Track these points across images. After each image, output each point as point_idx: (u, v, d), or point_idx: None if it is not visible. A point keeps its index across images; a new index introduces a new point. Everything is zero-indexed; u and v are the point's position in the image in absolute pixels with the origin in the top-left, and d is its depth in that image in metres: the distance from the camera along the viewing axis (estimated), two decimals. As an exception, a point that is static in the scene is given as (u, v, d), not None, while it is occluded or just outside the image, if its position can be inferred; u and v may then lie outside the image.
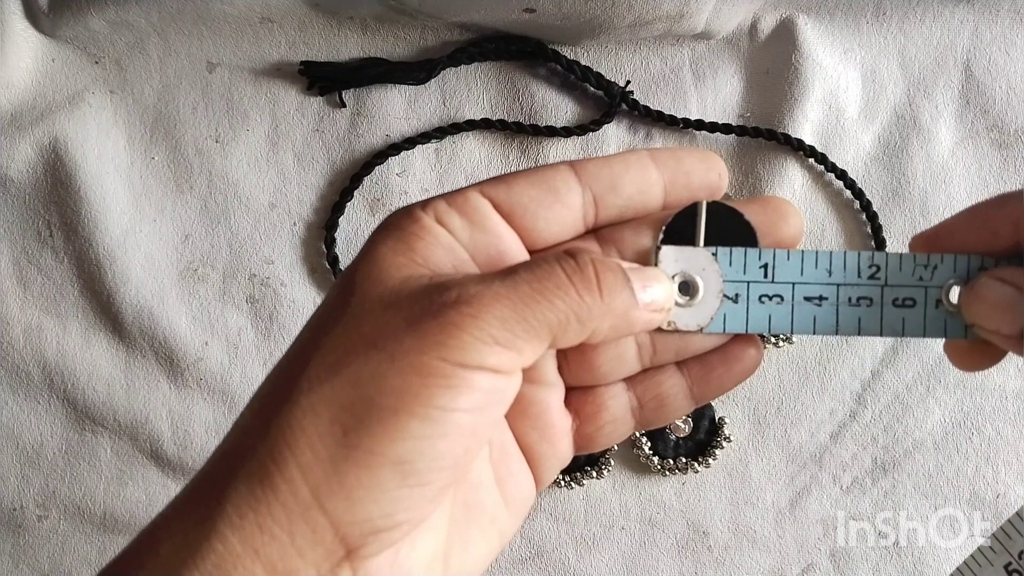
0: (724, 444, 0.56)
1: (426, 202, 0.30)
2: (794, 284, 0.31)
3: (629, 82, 0.58)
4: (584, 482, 0.56)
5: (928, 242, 0.32)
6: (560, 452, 0.32)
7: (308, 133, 0.59)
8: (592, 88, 0.58)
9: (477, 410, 0.27)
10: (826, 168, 0.57)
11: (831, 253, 0.31)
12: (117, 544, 0.55)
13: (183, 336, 0.57)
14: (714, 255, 0.31)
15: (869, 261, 0.31)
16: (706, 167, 0.32)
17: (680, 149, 0.45)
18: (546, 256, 0.28)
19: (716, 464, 0.56)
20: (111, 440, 0.57)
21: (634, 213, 0.32)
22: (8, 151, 0.58)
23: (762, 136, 0.57)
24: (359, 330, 0.27)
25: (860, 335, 0.32)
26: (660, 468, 0.56)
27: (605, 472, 0.56)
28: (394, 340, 0.26)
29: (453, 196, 0.30)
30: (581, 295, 0.28)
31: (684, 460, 0.56)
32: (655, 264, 0.31)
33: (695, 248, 0.31)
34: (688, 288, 0.31)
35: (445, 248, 0.29)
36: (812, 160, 0.57)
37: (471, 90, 0.59)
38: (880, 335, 0.32)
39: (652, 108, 0.58)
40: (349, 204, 0.58)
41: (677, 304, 0.31)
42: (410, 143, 0.58)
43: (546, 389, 0.32)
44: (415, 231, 0.29)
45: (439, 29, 0.59)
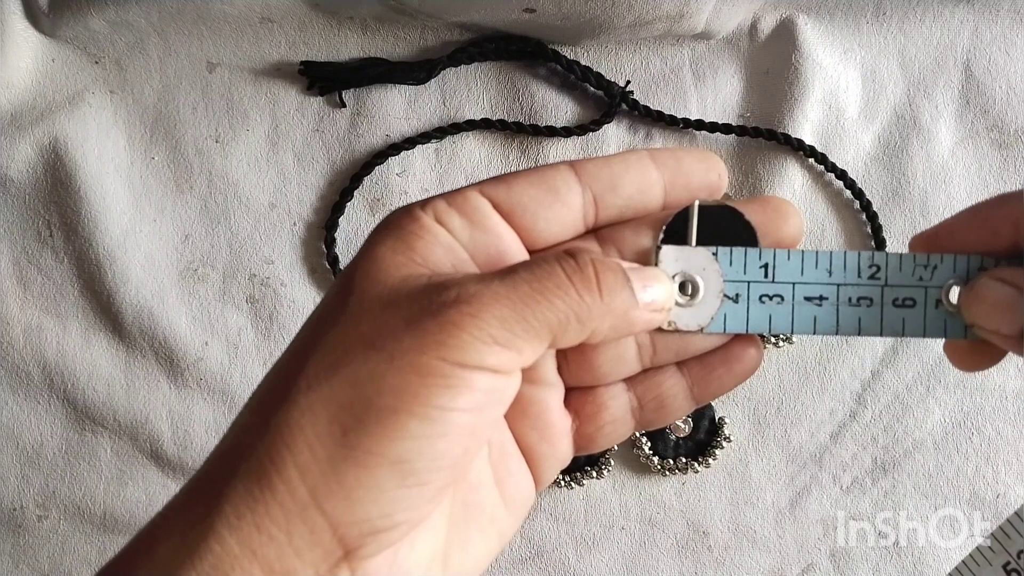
0: (724, 444, 0.56)
1: (425, 201, 0.30)
2: (794, 284, 0.31)
3: (629, 82, 0.58)
4: (584, 482, 0.56)
5: (928, 242, 0.32)
6: (560, 452, 0.32)
7: (308, 133, 0.59)
8: (592, 88, 0.58)
9: (476, 410, 0.27)
10: (826, 168, 0.57)
11: (831, 253, 0.31)
12: (117, 544, 0.55)
13: (183, 336, 0.57)
14: (714, 255, 0.31)
15: (869, 261, 0.31)
16: (706, 167, 0.32)
17: (680, 149, 0.45)
18: (546, 256, 0.28)
19: (716, 464, 0.56)
20: (111, 440, 0.57)
21: (634, 213, 0.32)
22: (8, 151, 0.58)
23: (762, 136, 0.57)
24: (358, 329, 0.27)
25: (860, 335, 0.32)
26: (660, 468, 0.56)
27: (605, 472, 0.56)
28: (393, 340, 0.26)
29: (453, 196, 0.30)
30: (581, 295, 0.28)
31: (684, 460, 0.56)
32: (655, 264, 0.31)
33: (695, 248, 0.31)
34: (688, 288, 0.31)
35: (444, 248, 0.29)
36: (812, 160, 0.57)
37: (471, 90, 0.59)
38: (880, 335, 0.32)
39: (652, 108, 0.58)
40: (349, 204, 0.58)
41: (677, 304, 0.31)
42: (410, 143, 0.58)
43: (546, 389, 0.31)
44: (414, 230, 0.29)
45: (439, 29, 0.59)
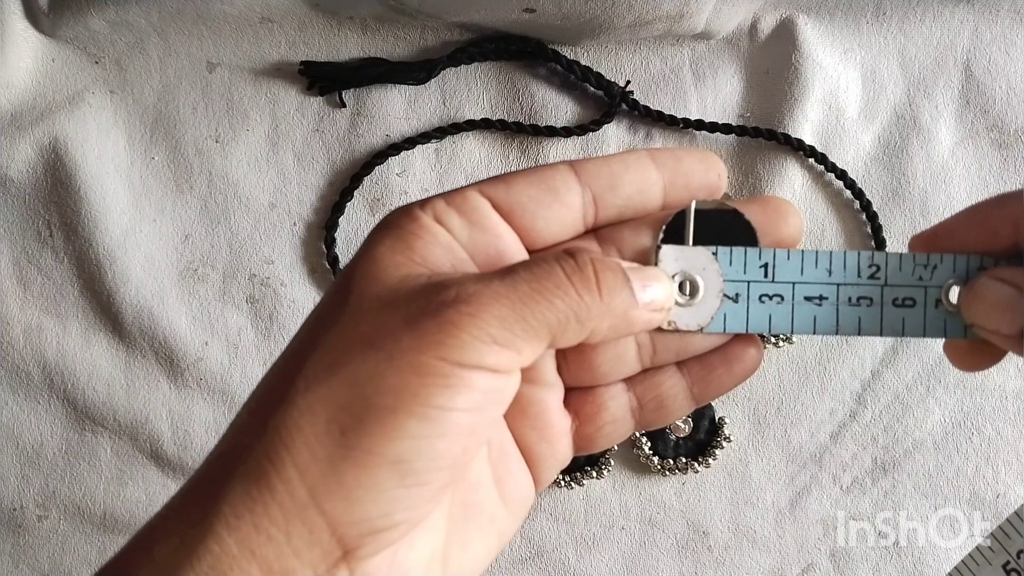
0: (724, 444, 0.56)
1: (425, 201, 0.30)
2: (794, 284, 0.31)
3: (629, 82, 0.58)
4: (584, 482, 0.56)
5: (928, 242, 0.32)
6: (559, 453, 0.32)
7: (308, 133, 0.59)
8: (592, 88, 0.58)
9: (475, 410, 0.27)
10: (826, 168, 0.57)
11: (831, 253, 0.31)
12: (117, 544, 0.54)
13: (183, 336, 0.57)
14: (714, 254, 0.31)
15: (869, 261, 0.31)
16: (705, 167, 0.32)
17: (679, 149, 0.45)
18: (545, 256, 0.28)
19: (716, 464, 0.56)
20: (111, 440, 0.57)
21: (633, 213, 0.32)
22: (8, 151, 0.58)
23: (762, 136, 0.57)
24: (357, 329, 0.27)
25: (860, 335, 0.32)
26: (660, 468, 0.56)
27: (605, 472, 0.56)
28: (392, 339, 0.26)
29: (452, 195, 0.30)
30: (580, 295, 0.28)
31: (684, 460, 0.56)
32: (655, 263, 0.31)
33: (695, 247, 0.31)
34: (688, 288, 0.31)
35: (444, 247, 0.29)
36: (812, 160, 0.57)
37: (471, 90, 0.59)
38: (880, 335, 0.31)
39: (652, 108, 0.58)
40: (349, 204, 0.58)
41: (677, 304, 0.31)
42: (410, 143, 0.58)
43: (545, 389, 0.31)
44: (413, 230, 0.29)
45: (439, 29, 0.59)
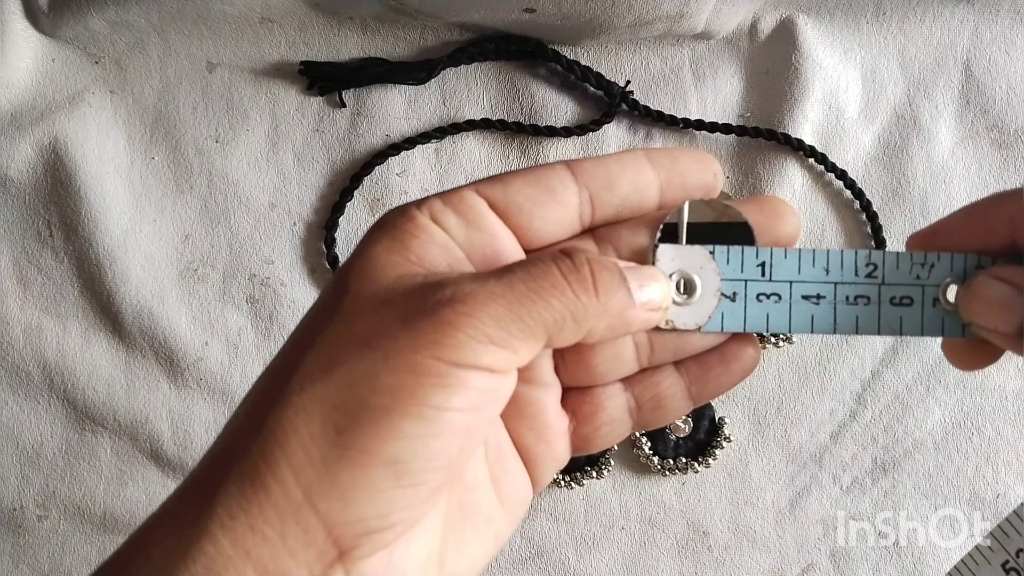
0: (724, 444, 0.56)
1: (421, 201, 0.30)
2: (792, 283, 0.31)
3: (629, 82, 0.58)
4: (584, 482, 0.56)
5: (925, 241, 0.32)
6: (557, 453, 0.32)
7: (308, 133, 0.59)
8: (592, 88, 0.58)
9: (472, 409, 0.27)
10: (826, 168, 0.57)
11: (828, 252, 0.31)
12: (117, 544, 0.54)
13: (183, 336, 0.57)
14: (711, 253, 0.31)
15: (866, 259, 0.31)
16: (702, 167, 0.32)
17: (676, 149, 0.44)
18: (542, 255, 0.28)
19: (716, 464, 0.56)
20: (111, 440, 0.57)
21: (630, 212, 0.31)
22: (8, 151, 0.58)
23: (762, 136, 0.57)
24: (352, 328, 0.27)
25: (858, 334, 0.31)
26: (660, 468, 0.56)
27: (605, 472, 0.56)
28: (388, 338, 0.26)
29: (449, 195, 0.30)
30: (577, 294, 0.28)
31: (684, 460, 0.56)
32: (652, 263, 0.31)
33: (693, 246, 0.31)
34: (686, 287, 0.31)
35: (440, 247, 0.29)
36: (812, 160, 0.57)
37: (471, 90, 0.59)
38: (878, 334, 0.31)
39: (652, 108, 0.58)
40: (349, 204, 0.58)
41: (675, 303, 0.31)
42: (410, 143, 0.58)
43: (542, 389, 0.31)
44: (410, 229, 0.29)
45: (439, 29, 0.59)
